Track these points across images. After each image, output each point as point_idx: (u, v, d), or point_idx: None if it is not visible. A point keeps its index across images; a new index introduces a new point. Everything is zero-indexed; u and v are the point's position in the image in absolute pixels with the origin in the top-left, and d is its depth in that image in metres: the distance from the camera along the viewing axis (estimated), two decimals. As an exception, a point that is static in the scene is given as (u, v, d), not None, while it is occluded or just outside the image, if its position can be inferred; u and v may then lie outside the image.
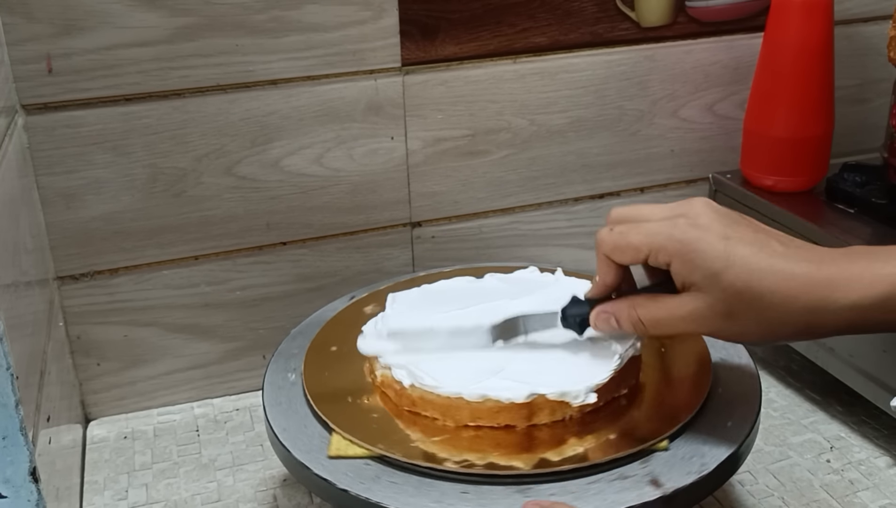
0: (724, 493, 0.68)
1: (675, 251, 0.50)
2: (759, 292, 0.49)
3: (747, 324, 0.50)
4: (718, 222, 0.51)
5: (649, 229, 0.52)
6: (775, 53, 0.80)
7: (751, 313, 0.49)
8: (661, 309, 0.52)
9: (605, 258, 0.54)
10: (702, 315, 0.50)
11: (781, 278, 0.49)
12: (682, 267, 0.50)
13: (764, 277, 0.49)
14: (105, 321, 0.78)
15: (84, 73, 0.70)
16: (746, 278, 0.49)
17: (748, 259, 0.49)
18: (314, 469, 0.55)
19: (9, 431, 0.46)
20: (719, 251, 0.49)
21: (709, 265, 0.49)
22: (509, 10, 0.79)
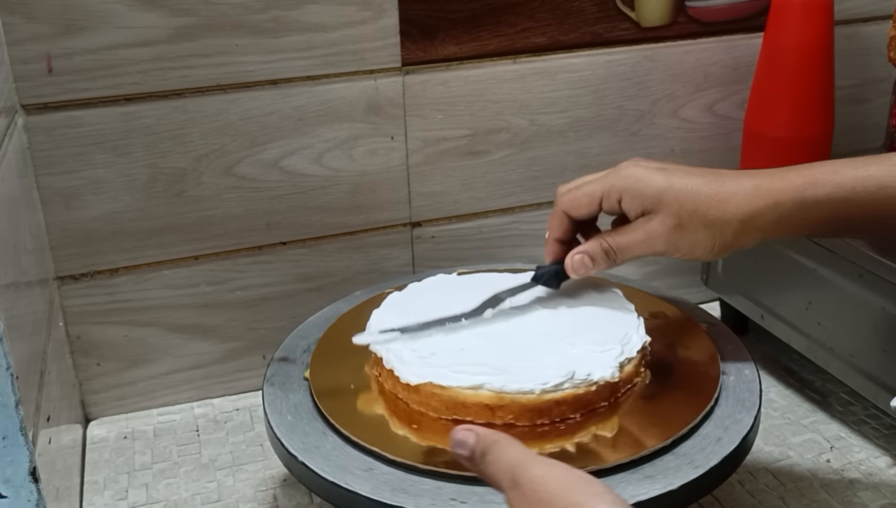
0: (724, 493, 0.68)
1: (625, 186, 0.59)
2: (699, 199, 0.57)
3: (695, 231, 0.58)
4: (653, 162, 0.60)
5: (599, 179, 0.61)
6: (775, 53, 0.80)
7: (695, 220, 0.58)
8: (623, 236, 0.60)
9: (562, 214, 0.63)
10: (656, 231, 0.59)
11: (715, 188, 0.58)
12: (633, 198, 0.59)
13: (699, 188, 0.58)
14: (105, 321, 0.78)
15: (84, 73, 0.70)
16: (685, 192, 0.58)
17: (685, 181, 0.58)
18: (314, 468, 0.55)
19: (9, 431, 0.46)
20: (660, 178, 0.59)
21: (654, 188, 0.58)
22: (509, 10, 0.79)
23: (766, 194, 0.57)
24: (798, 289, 0.75)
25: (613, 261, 0.61)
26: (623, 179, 0.59)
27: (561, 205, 0.62)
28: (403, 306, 0.66)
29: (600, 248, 0.61)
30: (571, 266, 0.62)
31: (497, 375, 0.57)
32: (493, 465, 0.43)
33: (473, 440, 0.45)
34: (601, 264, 0.62)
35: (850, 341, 0.71)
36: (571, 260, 0.62)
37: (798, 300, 0.76)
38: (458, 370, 0.57)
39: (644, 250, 0.60)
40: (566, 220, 0.63)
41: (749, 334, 0.88)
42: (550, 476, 0.41)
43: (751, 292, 0.82)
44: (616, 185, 0.60)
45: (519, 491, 0.41)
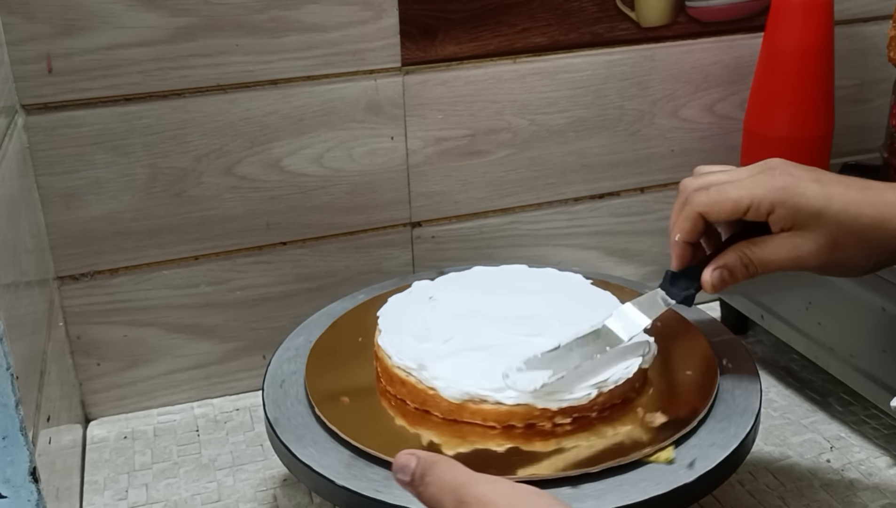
0: (724, 493, 0.68)
1: (778, 199, 0.54)
2: (860, 219, 0.54)
3: (851, 252, 0.55)
4: (805, 170, 0.56)
5: (746, 184, 0.56)
6: (775, 53, 0.80)
7: (853, 240, 0.54)
8: (767, 250, 0.56)
9: (697, 217, 0.57)
10: (808, 250, 0.55)
11: (874, 202, 0.54)
12: (786, 211, 0.54)
13: (861, 206, 0.54)
14: (105, 321, 0.78)
15: (84, 73, 0.70)
16: (846, 210, 0.54)
17: (843, 195, 0.54)
18: (314, 468, 0.55)
19: (9, 431, 0.46)
20: (818, 192, 0.54)
21: (811, 204, 0.54)
22: (509, 10, 0.79)
23: None
24: (798, 289, 0.75)
25: (752, 274, 0.57)
26: (777, 190, 0.54)
27: (697, 207, 0.57)
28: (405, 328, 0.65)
29: (740, 262, 0.57)
30: (711, 283, 0.58)
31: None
32: (434, 486, 0.42)
33: (415, 463, 0.44)
34: (739, 278, 0.57)
35: (850, 341, 0.71)
36: (711, 276, 0.58)
37: (798, 300, 0.76)
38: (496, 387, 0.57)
39: (791, 266, 0.56)
40: (701, 222, 0.57)
41: (749, 334, 0.88)
42: (498, 492, 0.40)
43: (751, 292, 0.82)
44: (767, 196, 0.55)
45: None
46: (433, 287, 0.70)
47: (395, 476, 0.45)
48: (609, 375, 0.58)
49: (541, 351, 0.58)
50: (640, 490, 0.52)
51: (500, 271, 0.72)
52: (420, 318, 0.65)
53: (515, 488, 0.40)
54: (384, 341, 0.63)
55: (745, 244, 0.57)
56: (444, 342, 0.62)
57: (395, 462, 0.45)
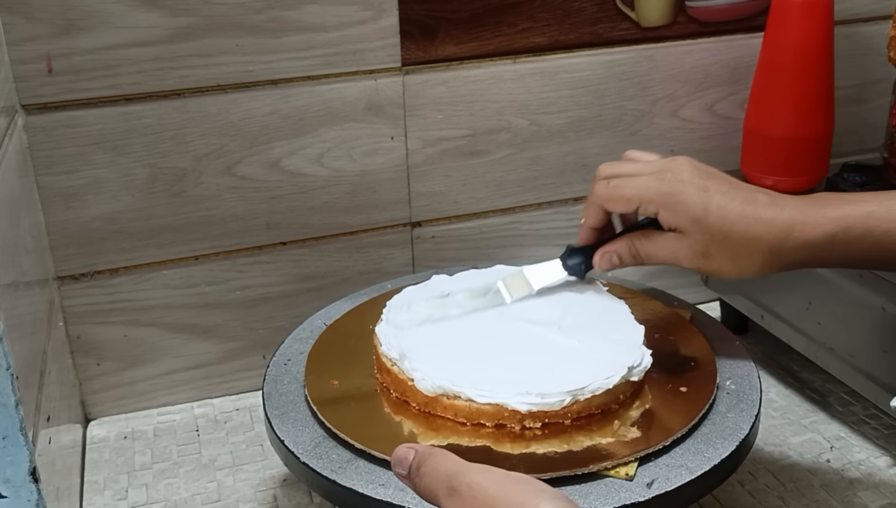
0: (724, 493, 0.68)
1: (662, 203, 0.59)
2: (730, 234, 0.58)
3: (721, 261, 0.59)
4: (698, 176, 0.59)
5: (639, 183, 0.60)
6: (775, 53, 0.80)
7: (723, 252, 0.58)
8: (653, 245, 0.61)
9: (598, 207, 0.63)
10: (683, 253, 0.60)
11: (749, 221, 0.58)
12: (668, 215, 0.59)
13: (735, 221, 0.58)
14: (105, 321, 0.78)
15: (84, 73, 0.70)
16: (720, 223, 0.58)
17: (722, 208, 0.58)
18: (315, 468, 0.55)
19: (9, 431, 0.46)
20: (698, 201, 0.58)
21: (690, 213, 0.58)
22: (509, 10, 0.79)
23: (798, 234, 0.57)
24: (798, 289, 0.75)
25: (639, 264, 0.62)
26: (663, 194, 0.59)
27: (598, 199, 0.63)
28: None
29: (629, 251, 0.62)
30: (599, 263, 0.64)
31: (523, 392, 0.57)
32: (428, 476, 0.43)
33: (412, 456, 0.45)
34: (628, 264, 0.63)
35: (850, 341, 0.71)
36: (600, 257, 0.64)
37: (798, 300, 0.76)
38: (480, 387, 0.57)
39: (669, 263, 0.61)
40: (602, 212, 0.63)
41: (749, 334, 0.88)
42: (488, 480, 0.41)
43: (751, 292, 0.82)
44: (654, 199, 0.59)
45: (457, 499, 0.41)
46: (449, 282, 0.70)
47: (394, 469, 0.45)
48: (588, 383, 0.57)
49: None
50: (587, 503, 0.52)
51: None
52: (423, 311, 0.65)
53: (507, 475, 0.41)
54: (379, 328, 0.64)
55: (637, 235, 0.62)
56: (438, 335, 0.62)
57: (394, 455, 0.45)
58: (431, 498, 0.43)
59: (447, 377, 0.58)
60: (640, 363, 0.60)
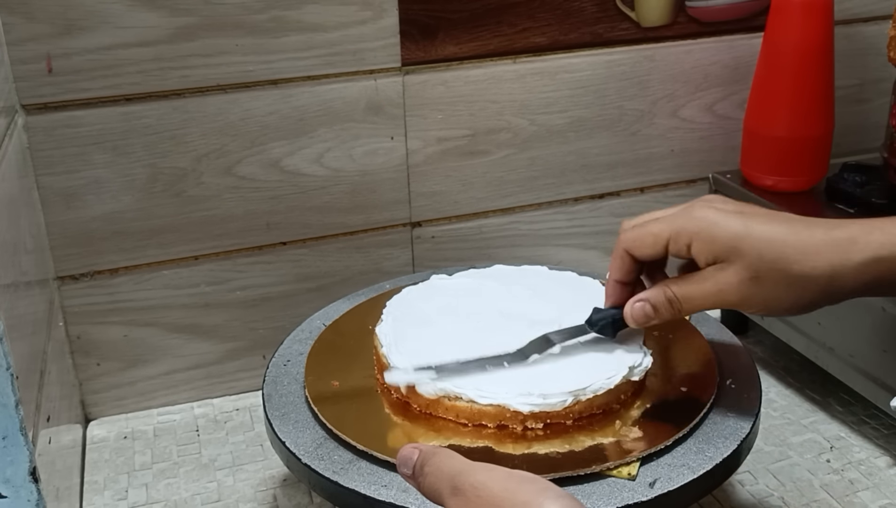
0: (724, 493, 0.68)
1: (696, 230, 0.53)
2: (782, 252, 0.51)
3: (774, 287, 0.51)
4: (731, 204, 0.54)
5: (667, 219, 0.55)
6: (775, 53, 0.80)
7: (775, 274, 0.51)
8: (690, 285, 0.54)
9: (624, 254, 0.57)
10: (729, 283, 0.52)
11: (802, 238, 0.51)
12: (704, 244, 0.53)
13: (784, 239, 0.51)
14: (105, 321, 0.78)
15: (84, 73, 0.70)
16: (767, 242, 0.51)
17: (766, 228, 0.52)
18: (315, 468, 0.55)
19: (9, 431, 0.46)
20: (737, 223, 0.52)
21: (730, 236, 0.52)
22: (509, 10, 0.79)
23: (863, 248, 0.50)
24: (798, 289, 0.75)
25: (678, 312, 0.55)
26: (694, 221, 0.53)
27: (623, 243, 0.56)
28: (408, 317, 0.65)
29: (664, 297, 0.55)
30: (632, 316, 0.57)
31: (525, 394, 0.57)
32: (432, 476, 0.43)
33: (416, 456, 0.44)
34: (664, 314, 0.56)
35: (850, 341, 0.71)
36: (632, 309, 0.57)
37: (798, 300, 0.75)
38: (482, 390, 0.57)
39: (713, 302, 0.54)
40: (628, 260, 0.57)
41: (749, 334, 0.88)
42: (493, 479, 0.40)
43: (751, 292, 0.81)
44: (686, 227, 0.53)
45: (461, 498, 0.41)
46: (449, 282, 0.70)
47: (399, 469, 0.45)
48: (589, 383, 0.57)
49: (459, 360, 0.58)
50: (590, 502, 0.52)
51: (520, 272, 0.72)
52: (422, 311, 0.65)
53: (511, 474, 0.41)
54: (380, 329, 0.64)
55: (671, 280, 0.56)
56: (438, 337, 0.62)
57: (399, 454, 0.45)
58: (435, 498, 0.43)
59: (450, 380, 0.58)
60: (641, 363, 0.60)
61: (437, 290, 0.69)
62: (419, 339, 0.62)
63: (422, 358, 0.59)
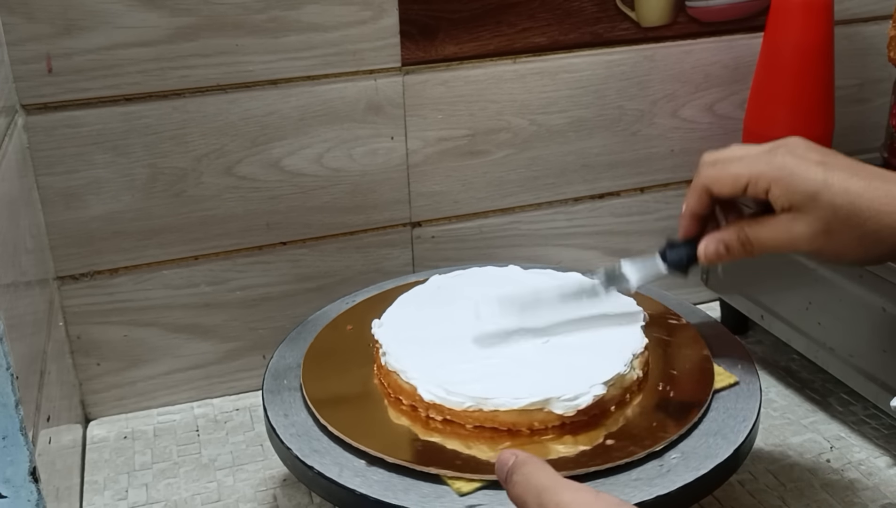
0: (724, 493, 0.68)
1: (775, 177, 0.54)
2: (857, 207, 0.52)
3: (846, 241, 0.53)
4: (815, 151, 0.54)
5: (749, 161, 0.55)
6: (775, 53, 0.80)
7: (848, 230, 0.52)
8: (765, 229, 0.55)
9: (702, 189, 0.57)
10: (802, 233, 0.54)
11: (878, 194, 0.52)
12: (783, 191, 0.53)
13: (861, 194, 0.52)
14: (105, 321, 0.78)
15: (84, 73, 0.70)
16: (843, 196, 0.52)
17: (845, 180, 0.52)
18: (315, 468, 0.55)
19: (9, 431, 0.46)
20: (817, 174, 0.53)
21: (808, 186, 0.53)
22: (509, 10, 0.79)
23: None
24: (798, 289, 0.75)
25: (749, 253, 0.57)
26: (776, 167, 0.54)
27: (703, 179, 0.57)
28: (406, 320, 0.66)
29: (737, 238, 0.57)
30: (705, 254, 0.58)
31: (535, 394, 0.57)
32: (520, 486, 0.42)
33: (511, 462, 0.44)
34: (736, 254, 0.57)
35: (850, 341, 0.71)
36: (706, 248, 0.58)
37: (798, 300, 0.76)
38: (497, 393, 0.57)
39: (785, 248, 0.55)
40: (706, 196, 0.58)
41: (749, 334, 0.88)
42: (577, 502, 0.40)
43: (751, 292, 0.82)
44: (766, 173, 0.54)
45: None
46: (448, 281, 0.70)
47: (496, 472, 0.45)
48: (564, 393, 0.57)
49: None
50: (641, 491, 0.52)
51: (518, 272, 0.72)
52: (422, 313, 0.65)
53: (597, 497, 0.40)
54: (383, 338, 0.63)
55: (745, 222, 0.57)
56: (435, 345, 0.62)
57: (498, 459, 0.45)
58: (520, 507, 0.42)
59: (479, 391, 0.57)
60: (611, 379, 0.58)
61: (435, 291, 0.69)
62: (418, 340, 0.62)
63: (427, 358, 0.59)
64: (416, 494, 0.53)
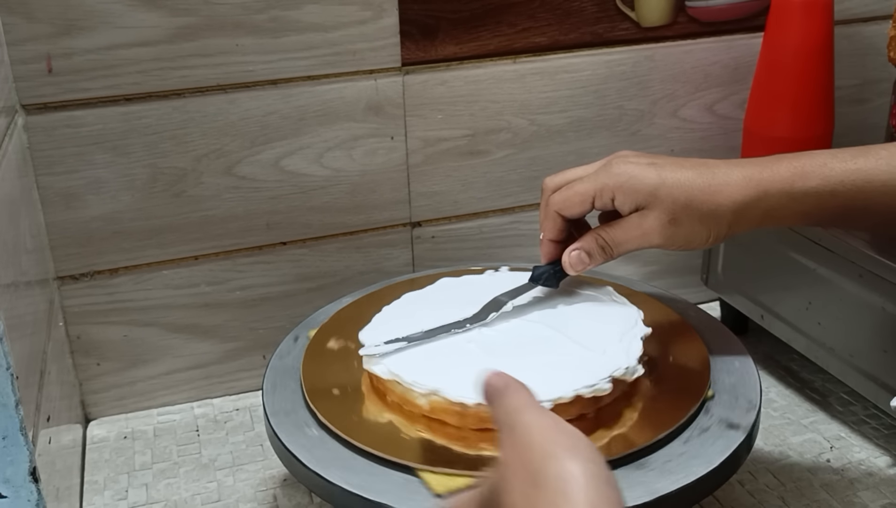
0: (724, 493, 0.68)
1: (617, 185, 0.59)
2: (692, 193, 0.58)
3: (690, 225, 0.59)
4: (644, 156, 0.61)
5: (589, 178, 0.61)
6: (775, 53, 0.80)
7: (689, 214, 0.58)
8: (618, 231, 0.61)
9: (555, 215, 0.62)
10: (651, 227, 0.59)
11: (707, 179, 0.58)
12: (626, 195, 0.59)
13: (692, 181, 0.58)
14: (105, 321, 0.78)
15: (84, 73, 0.70)
16: (678, 187, 0.58)
17: (675, 173, 0.59)
18: (314, 468, 0.55)
19: (9, 431, 0.46)
20: (652, 174, 0.59)
21: (647, 185, 0.59)
22: (509, 10, 0.79)
23: (755, 185, 0.58)
24: (798, 289, 0.75)
25: (610, 256, 0.62)
26: (615, 177, 0.59)
27: (553, 206, 0.62)
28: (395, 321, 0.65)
29: (596, 243, 0.62)
30: (569, 263, 0.63)
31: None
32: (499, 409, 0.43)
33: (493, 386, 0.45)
34: (598, 259, 0.62)
35: (850, 341, 0.71)
36: (569, 257, 0.63)
37: (798, 300, 0.76)
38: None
39: (640, 244, 0.60)
40: (559, 220, 0.63)
41: (749, 334, 0.88)
42: (536, 424, 0.41)
43: (751, 292, 0.82)
44: (608, 183, 0.60)
45: (508, 435, 0.41)
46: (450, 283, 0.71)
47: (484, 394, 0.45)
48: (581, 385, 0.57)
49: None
50: (641, 492, 0.52)
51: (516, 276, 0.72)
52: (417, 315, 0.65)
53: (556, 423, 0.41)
54: (363, 334, 0.63)
55: (600, 228, 0.62)
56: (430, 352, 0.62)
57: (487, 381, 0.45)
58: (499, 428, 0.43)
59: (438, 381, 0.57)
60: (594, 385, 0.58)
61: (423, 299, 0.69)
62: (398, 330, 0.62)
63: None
64: (417, 493, 0.53)
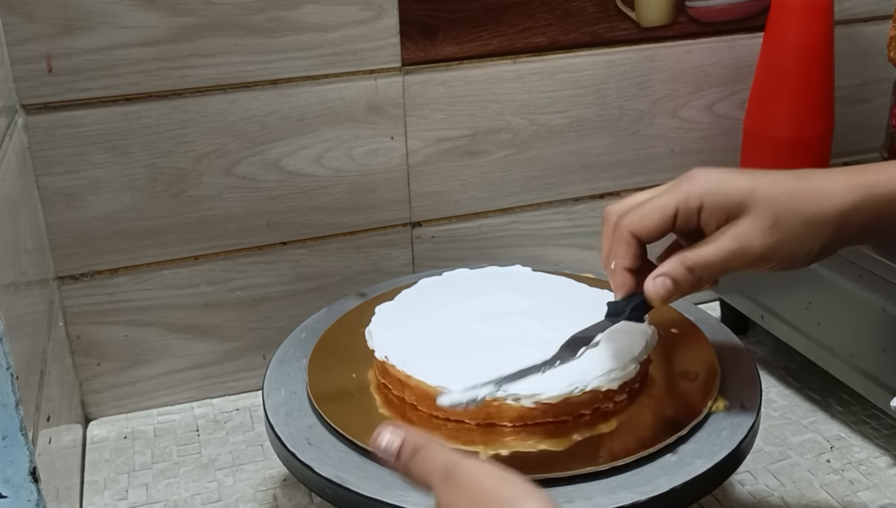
0: (724, 493, 0.68)
1: (705, 191, 0.52)
2: (793, 195, 0.51)
3: (793, 231, 0.51)
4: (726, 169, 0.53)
5: (666, 193, 0.53)
6: (775, 53, 0.80)
7: (793, 217, 0.51)
8: (707, 249, 0.52)
9: (630, 239, 0.54)
10: (750, 235, 0.51)
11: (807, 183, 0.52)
12: (716, 202, 0.51)
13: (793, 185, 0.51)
14: (105, 321, 0.78)
15: (84, 73, 0.70)
16: (778, 188, 0.51)
17: (770, 177, 0.52)
18: (315, 468, 0.55)
19: (9, 431, 0.46)
20: (744, 178, 0.52)
21: (740, 189, 0.51)
22: (509, 10, 0.79)
23: (861, 185, 0.51)
24: (798, 289, 0.75)
25: (699, 281, 0.53)
26: (700, 185, 0.52)
27: (627, 227, 0.53)
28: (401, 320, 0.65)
29: (683, 267, 0.52)
30: (655, 292, 0.53)
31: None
32: (425, 462, 0.43)
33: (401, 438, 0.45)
34: (685, 286, 0.53)
35: (850, 341, 0.71)
36: (654, 285, 0.53)
37: (798, 300, 0.76)
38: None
39: (735, 260, 0.52)
40: (635, 244, 0.54)
41: (749, 334, 0.88)
42: (486, 472, 0.41)
43: (751, 292, 0.82)
44: (693, 192, 0.52)
45: (452, 484, 0.41)
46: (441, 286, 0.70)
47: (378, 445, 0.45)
48: (545, 391, 0.56)
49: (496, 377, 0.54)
50: (590, 503, 0.52)
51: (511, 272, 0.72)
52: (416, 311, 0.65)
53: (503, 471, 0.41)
54: (371, 331, 0.64)
55: (685, 250, 0.53)
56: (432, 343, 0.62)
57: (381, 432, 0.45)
58: (422, 481, 0.43)
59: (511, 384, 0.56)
60: (580, 386, 0.57)
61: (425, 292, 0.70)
62: (417, 340, 0.62)
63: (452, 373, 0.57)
64: (416, 494, 0.53)
